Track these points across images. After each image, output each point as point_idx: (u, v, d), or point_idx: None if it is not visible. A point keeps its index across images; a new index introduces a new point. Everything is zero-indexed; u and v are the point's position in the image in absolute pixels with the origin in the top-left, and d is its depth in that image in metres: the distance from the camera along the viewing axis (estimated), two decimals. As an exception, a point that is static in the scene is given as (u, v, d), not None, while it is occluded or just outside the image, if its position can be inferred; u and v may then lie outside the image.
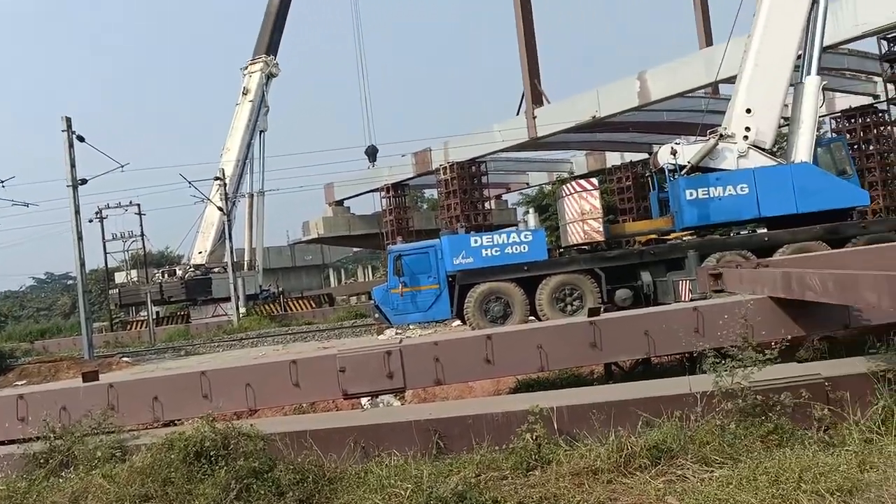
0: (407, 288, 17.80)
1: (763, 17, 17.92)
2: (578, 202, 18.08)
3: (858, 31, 24.36)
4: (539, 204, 46.00)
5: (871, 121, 34.39)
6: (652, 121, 37.00)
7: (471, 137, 40.11)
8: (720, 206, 17.29)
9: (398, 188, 48.54)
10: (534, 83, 35.71)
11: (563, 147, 44.77)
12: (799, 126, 17.84)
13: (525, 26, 35.92)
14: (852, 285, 7.27)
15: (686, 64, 30.24)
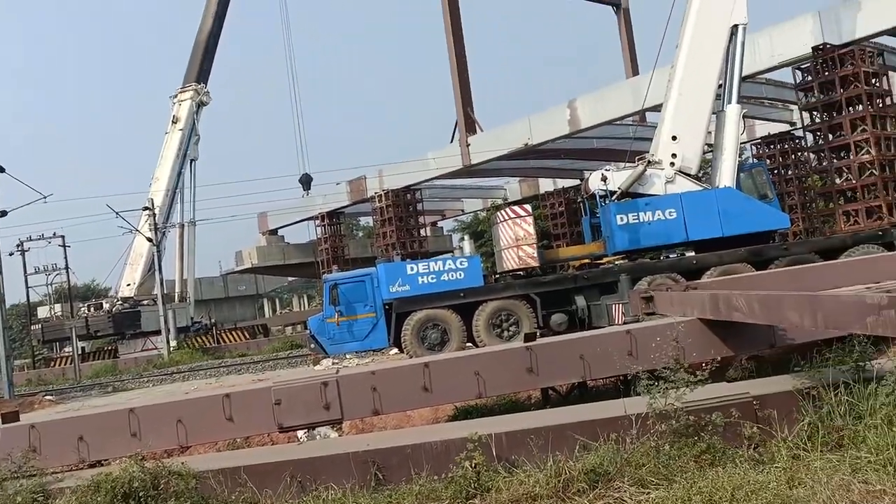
0: (343, 317, 17.62)
1: (685, 48, 18.61)
2: (513, 228, 18.29)
3: (774, 62, 25.50)
4: (474, 230, 46.42)
5: (788, 147, 35.90)
6: (582, 147, 37.80)
7: (405, 165, 40.27)
8: (650, 231, 17.75)
9: (333, 216, 48.24)
10: (467, 111, 36.12)
11: (496, 174, 45.30)
12: (722, 152, 18.52)
13: (457, 56, 36.37)
14: (776, 306, 7.53)
15: (614, 92, 31.10)
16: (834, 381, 7.34)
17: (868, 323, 5.86)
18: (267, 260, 54.16)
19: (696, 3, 18.61)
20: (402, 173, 40.36)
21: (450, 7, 36.32)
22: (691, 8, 18.70)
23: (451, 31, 36.37)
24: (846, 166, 23.94)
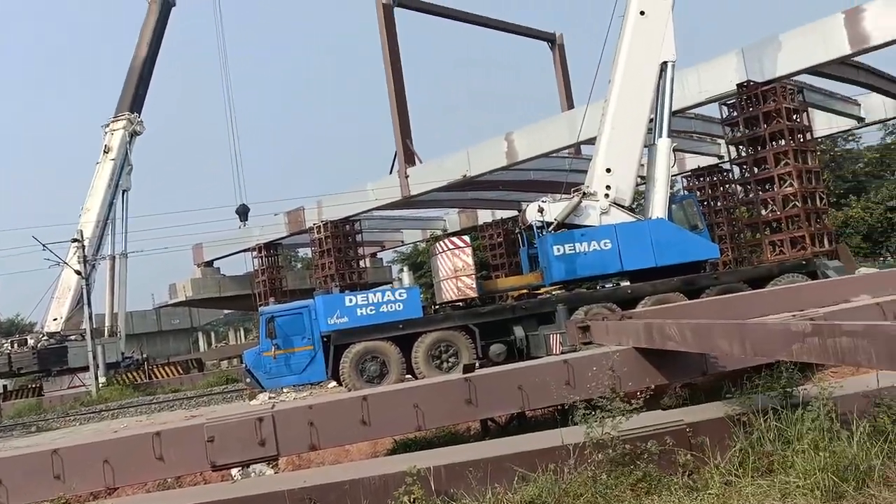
0: (280, 350, 17.29)
1: (617, 84, 19.14)
2: (451, 259, 18.33)
3: (702, 98, 26.46)
4: (414, 261, 46.46)
5: (717, 179, 37.17)
6: (520, 179, 38.35)
7: (344, 196, 40.12)
8: (586, 261, 18.02)
9: (271, 248, 47.62)
10: (406, 143, 36.32)
11: (436, 205, 45.54)
12: (654, 184, 19.01)
13: (396, 88, 36.63)
14: (707, 334, 7.71)
15: (550, 125, 31.71)
16: (763, 407, 7.53)
17: (794, 350, 6.04)
18: (202, 292, 52.98)
19: (627, 41, 19.20)
20: (341, 204, 40.19)
21: (388, 41, 36.65)
22: (623, 45, 19.28)
23: (389, 64, 36.65)
24: (771, 198, 24.86)
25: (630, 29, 19.20)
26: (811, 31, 23.86)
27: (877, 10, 22.47)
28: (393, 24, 37.03)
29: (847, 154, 57.90)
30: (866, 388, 8.05)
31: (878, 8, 22.47)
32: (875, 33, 22.51)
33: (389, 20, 36.89)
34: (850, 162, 56.77)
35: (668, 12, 19.30)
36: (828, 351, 5.62)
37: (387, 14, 36.79)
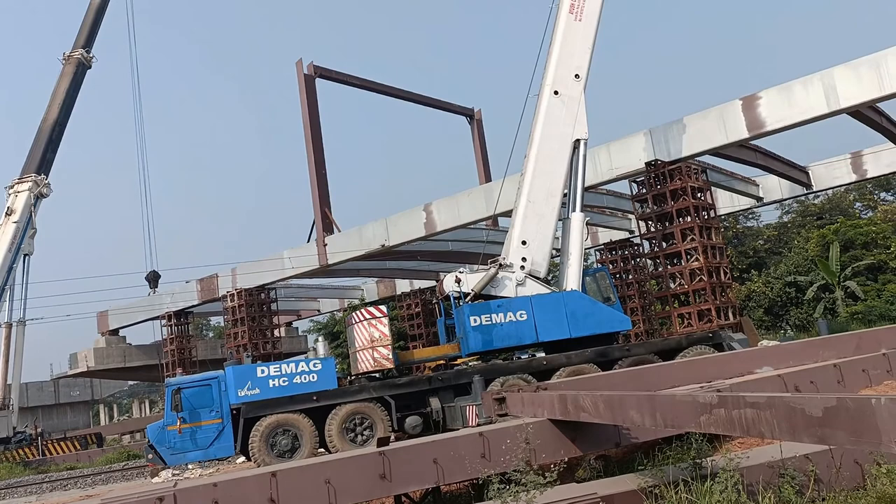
0: (186, 424, 16.53)
1: (532, 159, 19.71)
2: (368, 329, 18.13)
3: (613, 175, 27.51)
4: (330, 331, 45.75)
5: (628, 253, 38.36)
6: (438, 250, 38.65)
7: (260, 264, 39.45)
8: (502, 332, 18.12)
9: (181, 316, 46.08)
10: (325, 211, 36.20)
11: (353, 274, 45.25)
12: (568, 257, 19.45)
13: (316, 156, 36.69)
14: (620, 406, 7.80)
15: (468, 197, 32.23)
16: (674, 478, 7.62)
17: (702, 421, 6.16)
18: (106, 362, 50.50)
19: (541, 119, 19.89)
20: (256, 272, 39.45)
21: (309, 110, 36.88)
22: (537, 123, 19.96)
23: (309, 132, 36.79)
24: (679, 272, 25.78)
25: (544, 108, 19.93)
26: (712, 116, 25.33)
27: (770, 99, 24.09)
28: (314, 94, 37.35)
29: (748, 231, 61.02)
30: (771, 459, 8.26)
31: (771, 97, 24.10)
32: (769, 119, 24.08)
33: (311, 90, 37.22)
34: (751, 238, 59.80)
35: (580, 93, 20.16)
36: (733, 422, 5.75)
37: (308, 84, 37.13)
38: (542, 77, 20.38)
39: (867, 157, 34.86)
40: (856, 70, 22.54)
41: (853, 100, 22.76)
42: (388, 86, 42.16)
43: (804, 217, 59.55)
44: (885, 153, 33.94)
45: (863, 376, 11.78)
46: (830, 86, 22.90)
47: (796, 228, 58.52)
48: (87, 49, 41.10)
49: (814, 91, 23.23)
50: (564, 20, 20.47)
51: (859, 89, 22.52)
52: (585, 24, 20.56)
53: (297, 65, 37.23)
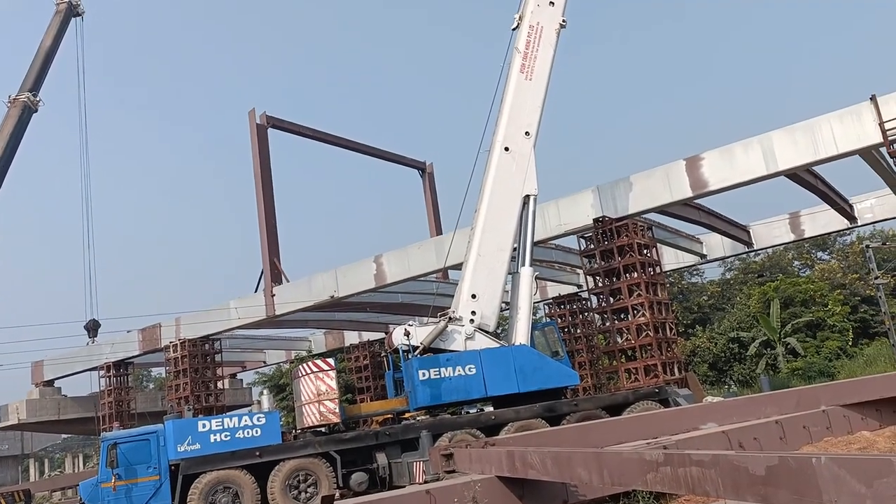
0: (121, 481, 15.88)
1: (483, 213, 19.92)
2: (314, 383, 17.83)
3: (562, 230, 27.92)
4: (276, 383, 44.73)
5: (577, 307, 38.76)
6: (388, 301, 38.45)
7: (206, 314, 38.66)
8: (451, 386, 18.00)
9: (120, 367, 44.64)
10: (273, 261, 35.81)
11: (301, 325, 44.64)
12: (517, 311, 19.54)
13: (266, 205, 36.46)
14: (567, 462, 7.75)
15: (418, 249, 32.28)
16: (621, 537, 7.57)
17: (648, 479, 6.16)
18: (39, 414, 48.40)
19: (492, 174, 20.18)
20: (201, 322, 38.61)
21: (260, 159, 36.77)
22: (488, 178, 20.24)
23: (260, 181, 36.60)
24: (626, 327, 26.08)
25: (495, 163, 20.25)
26: (657, 175, 26.03)
27: (712, 160, 24.91)
28: (266, 144, 37.30)
29: (693, 287, 62.35)
30: (716, 517, 8.28)
31: (713, 158, 24.92)
32: (712, 179, 24.84)
33: (263, 140, 37.17)
34: (695, 294, 61.06)
35: (530, 150, 20.57)
36: (679, 481, 5.77)
37: (260, 134, 37.09)
38: (494, 133, 20.76)
39: (804, 217, 36.16)
40: (792, 134, 23.50)
41: (790, 163, 23.67)
42: (341, 137, 42.37)
43: (746, 274, 61.18)
44: (820, 214, 35.23)
45: (804, 433, 11.99)
46: (769, 149, 23.80)
47: (738, 285, 60.00)
48: (33, 92, 40.40)
49: (753, 153, 24.11)
50: (515, 79, 20.97)
51: (795, 153, 23.45)
52: (535, 83, 21.09)
53: (250, 115, 37.23)
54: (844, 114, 22.68)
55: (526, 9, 21.58)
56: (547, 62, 21.27)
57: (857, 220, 35.18)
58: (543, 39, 21.31)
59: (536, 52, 21.15)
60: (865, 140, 22.29)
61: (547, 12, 21.57)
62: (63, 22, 42.47)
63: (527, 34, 21.21)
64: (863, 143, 22.44)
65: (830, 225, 36.24)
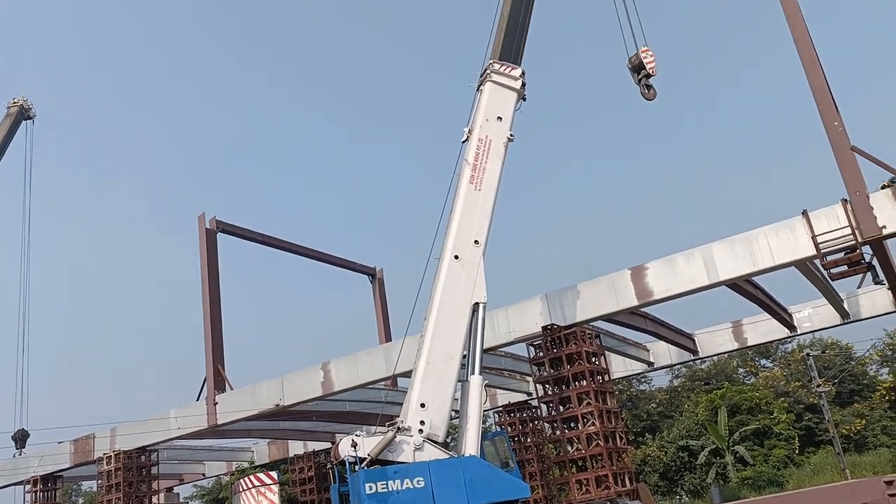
0: None
1: (433, 321, 19.89)
2: (256, 498, 17.13)
3: (511, 338, 28.00)
4: (215, 497, 42.77)
5: (527, 416, 38.39)
6: (335, 410, 37.56)
7: (143, 423, 37.06)
8: (399, 500, 17.39)
9: (49, 480, 42.10)
10: (217, 368, 34.87)
11: (244, 435, 43.06)
12: (467, 420, 19.24)
13: (212, 310, 35.83)
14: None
15: (367, 356, 31.89)
16: None
17: None
18: (-47, 534, 45.05)
19: (442, 282, 20.30)
20: (138, 432, 36.97)
21: (208, 263, 36.42)
22: (438, 286, 20.34)
23: (207, 286, 36.12)
24: (576, 436, 25.85)
25: (445, 272, 20.41)
26: (604, 283, 26.53)
27: (656, 270, 25.57)
28: (214, 249, 37.05)
29: (641, 394, 62.60)
30: None
31: (657, 268, 25.59)
32: (656, 289, 25.42)
33: (211, 244, 36.94)
34: (644, 402, 61.25)
35: (479, 258, 20.83)
36: None
37: (209, 238, 36.89)
38: (444, 242, 21.03)
39: (747, 326, 37.05)
40: (731, 246, 24.37)
41: (730, 273, 24.43)
42: (291, 243, 42.39)
43: (693, 381, 61.81)
44: (762, 323, 36.19)
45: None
46: (710, 259, 24.59)
47: (686, 392, 60.49)
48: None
49: (695, 264, 24.86)
50: (465, 190, 21.46)
51: (735, 264, 24.27)
52: (485, 193, 21.60)
53: (200, 219, 37.13)
54: (779, 227, 23.70)
55: (475, 123, 22.36)
56: (495, 174, 21.88)
57: (797, 329, 36.19)
58: (492, 152, 22.00)
59: (485, 165, 21.77)
60: (800, 252, 23.25)
61: (495, 126, 22.36)
62: (13, 125, 42.50)
63: (476, 147, 21.88)
64: (797, 256, 23.39)
65: (772, 333, 37.18)
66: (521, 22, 23.64)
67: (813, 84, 23.63)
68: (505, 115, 22.55)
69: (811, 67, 23.86)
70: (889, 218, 21.82)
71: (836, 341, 59.24)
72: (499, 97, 22.63)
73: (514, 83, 22.80)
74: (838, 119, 23.21)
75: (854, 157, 22.59)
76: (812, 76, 23.74)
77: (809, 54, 24.03)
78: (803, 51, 24.08)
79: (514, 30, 23.50)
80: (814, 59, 24.03)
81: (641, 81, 24.94)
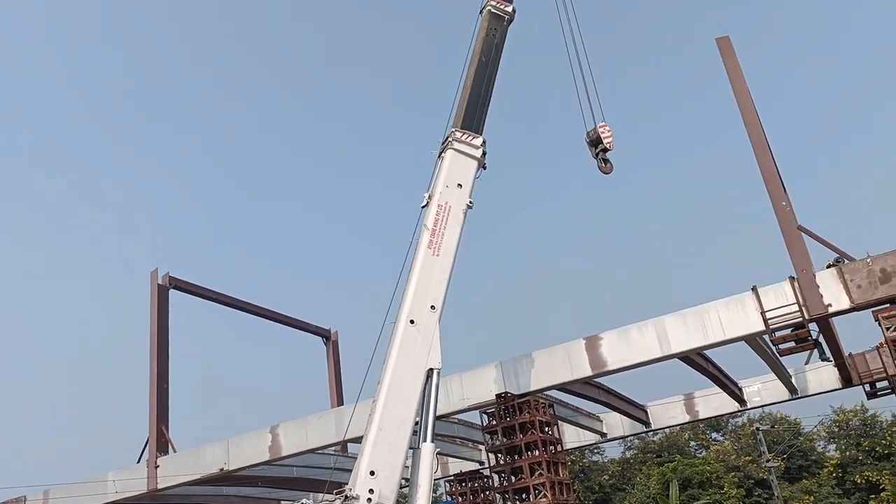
0: None
1: (386, 386, 19.61)
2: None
3: (464, 405, 27.75)
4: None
5: (478, 485, 37.71)
6: (282, 476, 36.50)
7: (79, 486, 35.48)
8: (344, 572, 16.83)
9: (-28, 546, 39.83)
10: (161, 429, 33.78)
11: (186, 500, 41.42)
12: (417, 489, 18.82)
13: (159, 368, 34.93)
14: None
15: (318, 421, 31.24)
16: None
17: None
18: None
19: (396, 346, 20.10)
20: (73, 496, 35.29)
21: (158, 320, 35.66)
22: (392, 350, 20.13)
23: (156, 343, 35.27)
24: (528, 508, 25.47)
25: (400, 336, 20.24)
26: (559, 352, 26.59)
27: (610, 340, 25.76)
28: (166, 305, 36.34)
29: (594, 465, 62.16)
30: None
31: (611, 338, 25.79)
32: (610, 359, 25.56)
33: (163, 301, 36.23)
34: (596, 473, 60.82)
35: (435, 323, 20.74)
36: None
37: (161, 295, 36.20)
38: (400, 306, 20.93)
39: (698, 399, 37.36)
40: (683, 319, 24.75)
41: (682, 346, 24.75)
42: (245, 301, 41.77)
43: (645, 453, 61.72)
44: (713, 397, 36.52)
45: None
46: (662, 332, 24.90)
47: (638, 464, 60.30)
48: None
49: (648, 335, 25.13)
50: (423, 254, 21.51)
51: (687, 337, 24.61)
52: (443, 258, 21.67)
53: (152, 275, 36.49)
54: (730, 301, 24.19)
55: (435, 189, 22.59)
56: (454, 240, 22.02)
57: (747, 403, 36.58)
58: (451, 218, 22.18)
59: (444, 230, 21.91)
60: (750, 327, 23.70)
61: (455, 193, 22.61)
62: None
63: (435, 213, 22.05)
64: (747, 331, 23.83)
65: (722, 407, 37.50)
66: (484, 93, 24.19)
67: (762, 166, 24.55)
68: (465, 183, 22.84)
69: (761, 150, 24.85)
70: (834, 296, 22.46)
71: (784, 416, 59.98)
72: (460, 165, 22.96)
73: (475, 151, 23.18)
74: (786, 199, 24.08)
75: (801, 237, 23.35)
76: (761, 159, 24.69)
77: (759, 138, 25.05)
78: (753, 135, 25.09)
79: (476, 100, 24.03)
80: (763, 142, 25.04)
81: (599, 155, 25.51)
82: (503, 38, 24.79)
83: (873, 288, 22.04)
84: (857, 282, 22.23)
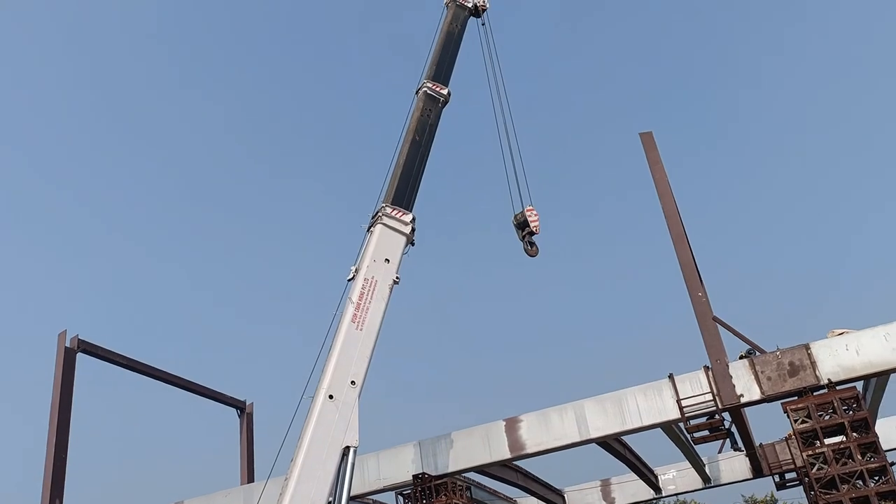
0: None
1: (300, 463, 18.96)
2: None
3: (380, 485, 27.02)
4: None
5: (391, 570, 36.40)
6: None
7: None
8: None
9: None
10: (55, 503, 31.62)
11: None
12: (326, 575, 18.05)
13: (58, 437, 32.94)
14: None
15: (225, 497, 29.88)
16: None
17: None
18: None
19: (313, 422, 19.53)
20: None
21: (63, 385, 33.84)
22: (309, 425, 19.55)
23: (57, 410, 33.35)
24: None
25: (318, 411, 19.72)
26: (478, 434, 26.32)
27: (530, 423, 25.69)
28: (72, 370, 34.57)
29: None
30: None
31: (531, 421, 25.73)
32: (529, 442, 25.43)
33: (69, 365, 34.48)
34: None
35: (354, 400, 20.31)
36: None
37: (68, 358, 34.47)
38: (319, 380, 20.47)
39: (615, 486, 37.40)
40: (602, 404, 24.95)
41: (601, 431, 24.85)
42: (157, 369, 40.07)
43: (561, 540, 60.79)
44: (628, 484, 36.64)
45: None
46: (581, 416, 25.00)
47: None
48: None
49: (568, 419, 25.18)
50: (346, 328, 21.22)
51: (605, 422, 24.77)
52: (366, 333, 21.41)
53: (60, 337, 34.81)
54: (647, 388, 24.58)
55: (362, 263, 22.51)
56: (378, 315, 21.83)
57: (662, 490, 36.81)
58: (377, 293, 22.05)
59: (369, 305, 21.72)
60: (666, 415, 24.06)
61: (382, 268, 22.56)
62: None
63: (361, 286, 21.88)
64: (664, 418, 24.17)
65: (638, 494, 37.61)
66: (416, 171, 24.53)
67: (680, 257, 25.46)
68: (393, 258, 22.85)
69: (679, 242, 25.81)
70: (746, 387, 23.11)
71: (697, 505, 60.52)
72: (388, 240, 23.01)
73: (405, 227, 23.31)
74: (702, 290, 24.92)
75: (716, 327, 24.11)
76: (680, 251, 25.62)
77: (678, 230, 26.05)
78: (673, 227, 26.09)
79: (407, 178, 24.32)
80: (682, 234, 26.05)
81: (525, 238, 26.00)
82: (437, 119, 25.38)
83: (782, 380, 22.79)
84: (768, 374, 22.97)
